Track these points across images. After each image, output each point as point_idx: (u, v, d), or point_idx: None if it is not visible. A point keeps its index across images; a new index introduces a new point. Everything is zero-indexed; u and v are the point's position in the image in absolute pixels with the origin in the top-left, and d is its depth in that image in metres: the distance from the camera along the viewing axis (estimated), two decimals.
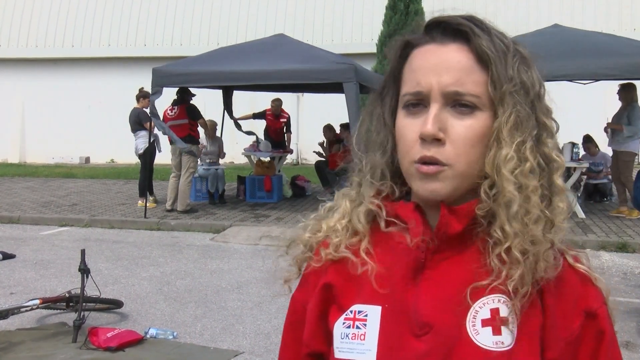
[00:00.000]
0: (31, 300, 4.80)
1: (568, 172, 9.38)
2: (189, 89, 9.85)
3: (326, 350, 1.01)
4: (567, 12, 15.35)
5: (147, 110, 9.76)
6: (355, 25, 16.90)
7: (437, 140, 0.88)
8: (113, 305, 5.30)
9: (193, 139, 9.79)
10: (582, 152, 9.79)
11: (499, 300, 0.90)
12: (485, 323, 0.90)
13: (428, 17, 0.95)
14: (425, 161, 0.89)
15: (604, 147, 10.26)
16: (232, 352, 4.49)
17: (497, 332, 0.89)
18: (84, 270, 4.69)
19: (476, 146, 0.90)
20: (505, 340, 0.89)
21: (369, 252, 0.98)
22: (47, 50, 18.23)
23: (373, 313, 0.95)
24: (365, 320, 0.95)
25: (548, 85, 0.95)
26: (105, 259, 7.29)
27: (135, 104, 10.46)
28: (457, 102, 0.89)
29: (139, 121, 10.23)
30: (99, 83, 17.52)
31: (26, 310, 4.75)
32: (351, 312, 0.97)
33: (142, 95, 10.33)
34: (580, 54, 8.37)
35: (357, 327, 0.95)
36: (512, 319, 0.89)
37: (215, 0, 17.78)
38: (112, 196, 11.81)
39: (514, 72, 0.89)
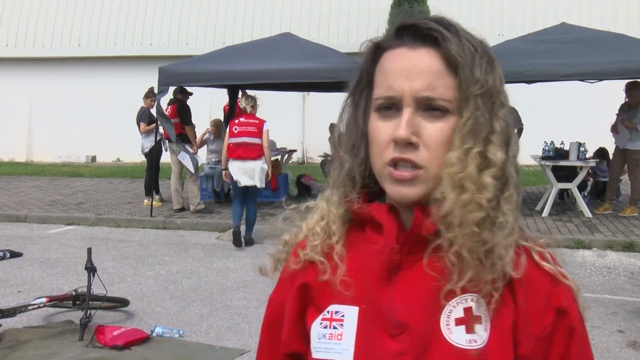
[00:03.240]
0: (38, 298, 4.82)
1: (574, 171, 9.35)
2: (186, 88, 9.82)
3: (304, 351, 1.02)
4: (574, 10, 15.27)
5: (152, 110, 9.78)
6: (361, 23, 16.87)
7: (411, 144, 0.89)
8: (119, 303, 5.32)
9: (185, 137, 9.68)
10: (589, 152, 9.71)
11: (472, 300, 0.91)
12: (458, 322, 0.91)
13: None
14: (398, 163, 0.90)
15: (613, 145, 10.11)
16: (237, 351, 4.49)
17: (470, 330, 0.90)
18: (91, 269, 4.71)
19: (447, 149, 0.90)
20: (478, 338, 0.90)
21: (342, 255, 0.99)
22: (53, 50, 18.27)
23: (350, 313, 0.96)
24: (342, 320, 0.96)
25: (556, 84, 0.95)
26: (112, 257, 7.31)
27: (142, 103, 10.51)
28: (429, 106, 0.90)
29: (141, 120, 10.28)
30: (105, 82, 17.55)
31: (33, 309, 4.77)
32: (328, 312, 0.98)
33: (147, 94, 10.36)
34: (587, 53, 8.32)
35: (334, 327, 0.96)
36: (485, 318, 0.90)
37: (221, 0, 17.79)
38: (118, 195, 11.84)
39: (480, 75, 0.90)
